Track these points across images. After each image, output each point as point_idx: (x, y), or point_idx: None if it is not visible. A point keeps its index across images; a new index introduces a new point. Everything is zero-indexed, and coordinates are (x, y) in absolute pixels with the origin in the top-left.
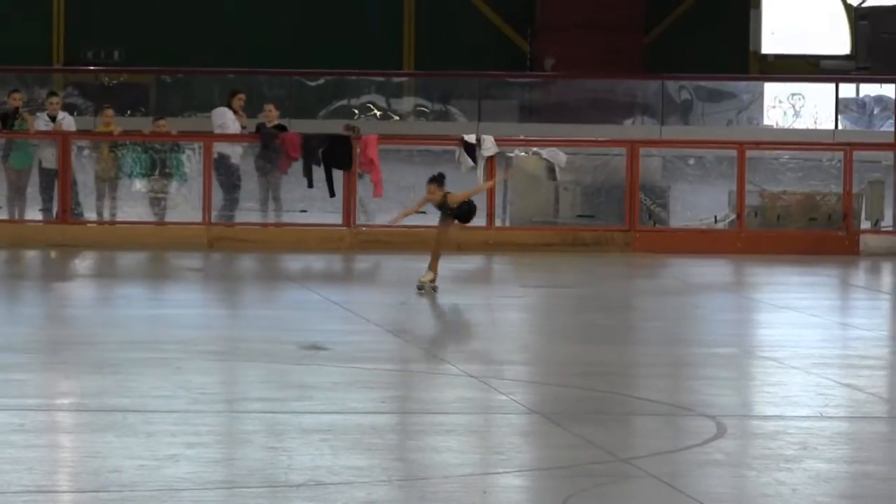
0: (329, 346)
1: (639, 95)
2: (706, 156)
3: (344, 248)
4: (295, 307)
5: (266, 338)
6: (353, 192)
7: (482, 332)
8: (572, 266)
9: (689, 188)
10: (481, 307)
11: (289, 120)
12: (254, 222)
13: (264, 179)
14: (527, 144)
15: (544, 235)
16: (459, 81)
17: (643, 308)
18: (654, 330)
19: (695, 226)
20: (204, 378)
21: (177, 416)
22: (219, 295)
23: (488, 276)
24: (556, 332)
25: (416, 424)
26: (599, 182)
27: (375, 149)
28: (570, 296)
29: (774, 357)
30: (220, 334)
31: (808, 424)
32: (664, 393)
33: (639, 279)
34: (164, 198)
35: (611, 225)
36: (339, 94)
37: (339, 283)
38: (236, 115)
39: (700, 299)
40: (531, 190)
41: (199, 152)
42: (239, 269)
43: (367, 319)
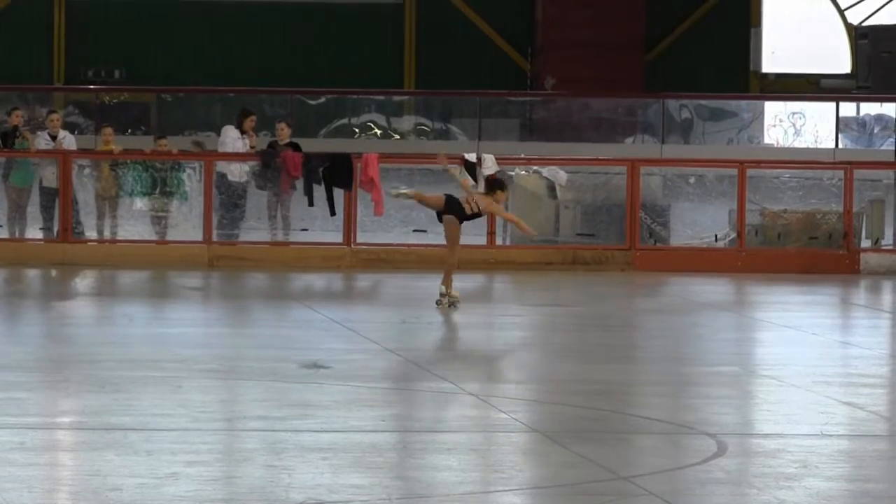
0: (330, 365)
1: (639, 114)
2: (707, 174)
3: (344, 266)
4: (295, 325)
5: (266, 356)
6: (354, 211)
7: (483, 350)
8: (573, 284)
9: (689, 207)
10: (482, 326)
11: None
12: (255, 241)
13: (273, 198)
14: (527, 163)
15: (545, 254)
16: (460, 100)
17: (644, 327)
18: (654, 348)
19: (695, 244)
20: (204, 396)
21: (177, 435)
22: (219, 313)
23: (488, 295)
24: (556, 350)
25: (416, 443)
26: (600, 200)
27: (376, 167)
28: (570, 314)
29: (775, 375)
30: (220, 353)
31: (808, 443)
32: (665, 411)
33: (639, 298)
34: (164, 216)
35: (611, 243)
36: (340, 113)
37: (339, 301)
38: (246, 136)
39: (701, 318)
40: (532, 208)
41: (200, 171)
42: (239, 287)
43: (367, 338)
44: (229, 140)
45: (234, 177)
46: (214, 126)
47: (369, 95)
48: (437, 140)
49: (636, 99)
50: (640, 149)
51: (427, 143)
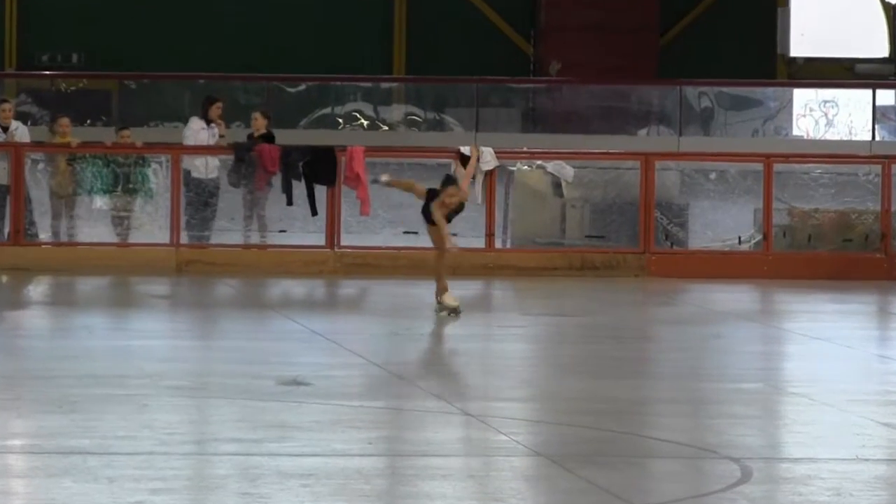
0: (310, 381)
1: (654, 103)
2: (729, 170)
3: (327, 271)
4: (273, 338)
5: (241, 372)
6: (338, 211)
7: (480, 365)
8: (580, 292)
9: (709, 206)
10: (479, 337)
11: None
12: (227, 244)
13: (248, 196)
14: (530, 157)
15: (549, 258)
16: (455, 87)
17: (659, 338)
18: (671, 363)
19: (716, 248)
20: (172, 416)
21: (141, 459)
22: (189, 324)
23: (487, 303)
24: (562, 365)
25: (407, 468)
26: (610, 199)
27: (362, 162)
28: (577, 325)
29: (805, 393)
30: (189, 368)
31: (842, 468)
32: (683, 433)
33: (654, 307)
34: (127, 216)
35: (623, 247)
36: (322, 102)
37: (321, 310)
38: (214, 126)
39: (723, 329)
40: (535, 207)
41: (167, 166)
42: (211, 295)
43: (352, 351)
44: (191, 132)
45: (199, 173)
46: (183, 116)
47: (355, 82)
48: (430, 131)
49: (650, 86)
50: (655, 141)
51: (419, 134)
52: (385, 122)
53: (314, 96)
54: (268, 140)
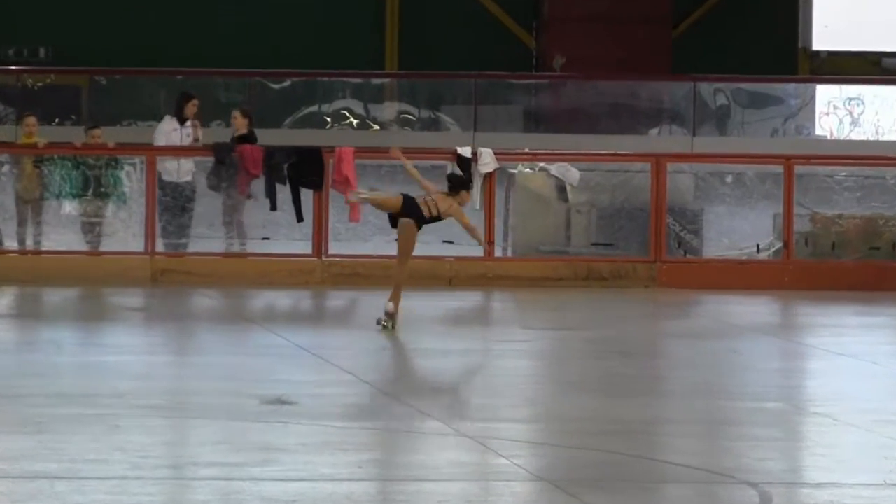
0: (296, 400)
1: (666, 100)
2: (747, 172)
3: (314, 282)
4: (255, 353)
5: (221, 390)
6: (325, 217)
7: (479, 382)
8: (586, 304)
9: (725, 211)
10: (478, 353)
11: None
12: (206, 252)
13: (229, 201)
14: (532, 159)
15: (553, 267)
16: (452, 84)
17: (671, 354)
18: (684, 380)
19: (733, 256)
20: (146, 438)
21: (113, 484)
22: (164, 339)
23: (486, 316)
24: (566, 382)
25: (399, 493)
26: (619, 204)
27: (352, 164)
28: (583, 339)
29: (828, 413)
30: (165, 386)
31: (869, 493)
32: (696, 456)
33: (666, 320)
34: (98, 223)
35: (633, 255)
36: (309, 99)
37: (307, 324)
38: (188, 125)
39: (740, 344)
40: (537, 213)
41: (141, 168)
42: (188, 307)
43: (341, 368)
44: (162, 134)
45: (170, 175)
46: (158, 115)
47: (343, 78)
48: (425, 131)
49: (662, 82)
50: (667, 142)
51: (412, 134)
52: (376, 121)
53: (300, 93)
54: (249, 141)
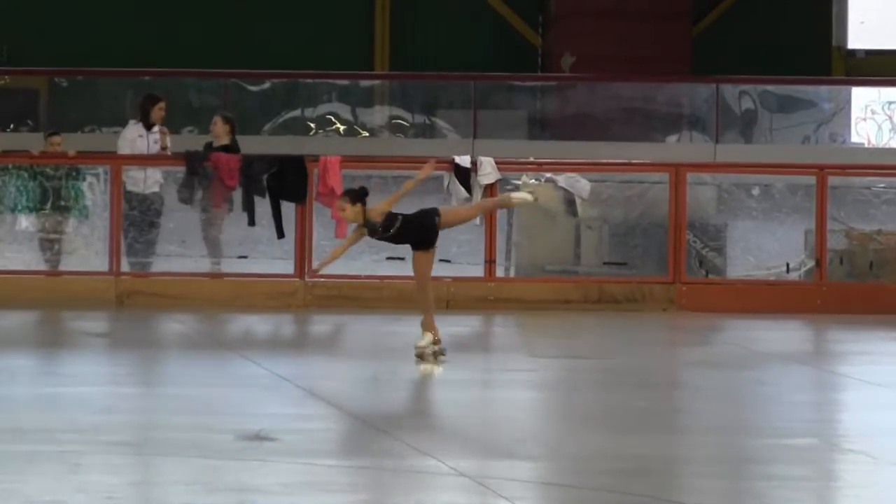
0: (276, 436)
1: (686, 104)
2: (775, 184)
3: (296, 305)
4: (231, 384)
5: (193, 424)
6: (309, 233)
7: (478, 416)
8: (598, 330)
9: (752, 227)
10: (477, 384)
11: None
12: (177, 272)
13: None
14: (538, 169)
15: (561, 289)
16: (448, 86)
17: (692, 385)
18: (706, 414)
19: (760, 277)
20: (110, 478)
21: None
22: (131, 368)
23: (487, 343)
24: (576, 416)
25: None
26: (634, 218)
27: (338, 175)
28: (594, 369)
29: (865, 450)
30: (132, 420)
31: None
32: (719, 497)
33: (686, 347)
34: (58, 239)
35: (649, 275)
36: (290, 103)
37: (289, 351)
38: (157, 131)
39: (767, 374)
40: (544, 229)
41: (105, 179)
42: (157, 333)
43: (326, 400)
44: (126, 142)
45: (136, 186)
46: (124, 120)
47: (329, 79)
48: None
49: (681, 84)
50: (687, 150)
51: (405, 142)
52: (365, 127)
53: (280, 96)
54: (231, 151)
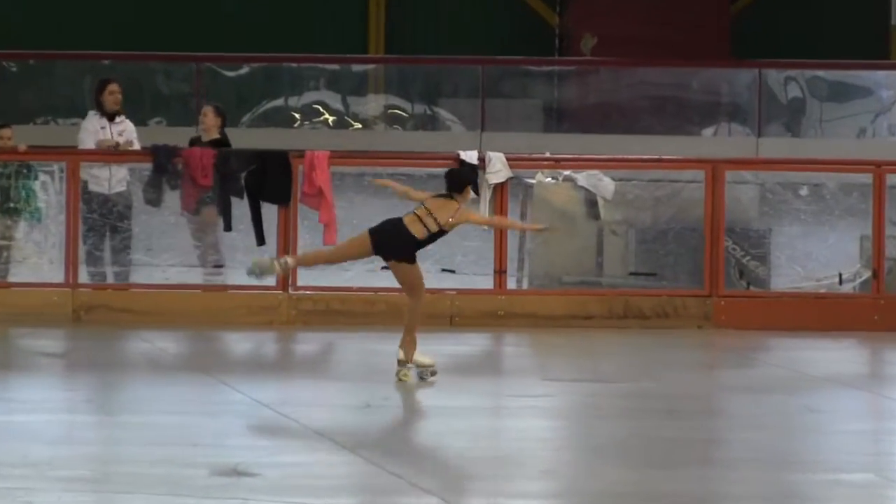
0: (256, 471)
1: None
2: (826, 183)
3: (279, 321)
4: (205, 411)
5: (160, 458)
6: (294, 239)
7: (487, 448)
8: (623, 349)
9: (799, 232)
10: (486, 411)
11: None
12: (144, 283)
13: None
14: (555, 166)
15: (581, 303)
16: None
17: (730, 413)
18: (746, 445)
19: (808, 289)
20: None
21: None
22: (90, 393)
23: (496, 364)
24: (597, 448)
25: None
26: (664, 223)
27: (327, 172)
28: (619, 394)
29: None
30: (90, 452)
31: None
32: None
33: (724, 369)
34: (6, 246)
35: (682, 287)
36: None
37: (271, 374)
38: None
39: (817, 400)
40: (561, 235)
41: (61, 178)
42: (120, 353)
43: (313, 429)
44: (87, 134)
45: (99, 186)
46: (83, 110)
47: (317, 63)
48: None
49: (719, 69)
50: (726, 144)
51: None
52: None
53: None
54: (221, 146)
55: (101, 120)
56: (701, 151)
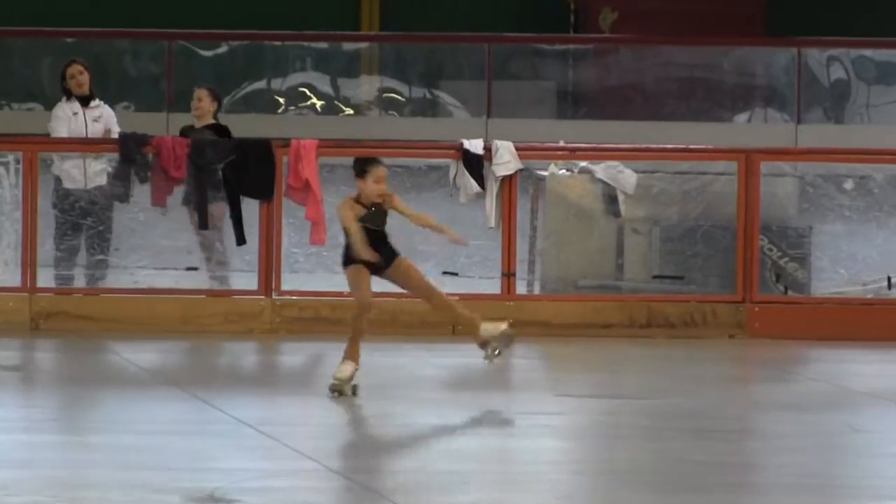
0: (236, 497)
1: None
2: (873, 175)
3: (261, 329)
4: (179, 430)
5: (130, 482)
6: (277, 239)
7: (494, 471)
8: (646, 362)
9: (843, 230)
10: (492, 430)
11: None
12: (111, 288)
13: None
14: (569, 157)
15: (599, 310)
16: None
17: (766, 433)
18: (784, 469)
19: (853, 294)
20: None
21: None
22: (51, 410)
23: (504, 378)
24: (616, 472)
25: None
26: (692, 220)
27: (314, 163)
28: (641, 411)
29: None
30: (52, 476)
31: None
32: None
33: (758, 384)
34: None
35: (712, 293)
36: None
37: (252, 389)
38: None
39: (862, 418)
40: (577, 233)
41: (17, 169)
42: (85, 366)
43: (299, 451)
44: (59, 122)
45: (73, 181)
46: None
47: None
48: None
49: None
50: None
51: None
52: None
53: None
54: (221, 134)
55: (72, 105)
56: (733, 140)
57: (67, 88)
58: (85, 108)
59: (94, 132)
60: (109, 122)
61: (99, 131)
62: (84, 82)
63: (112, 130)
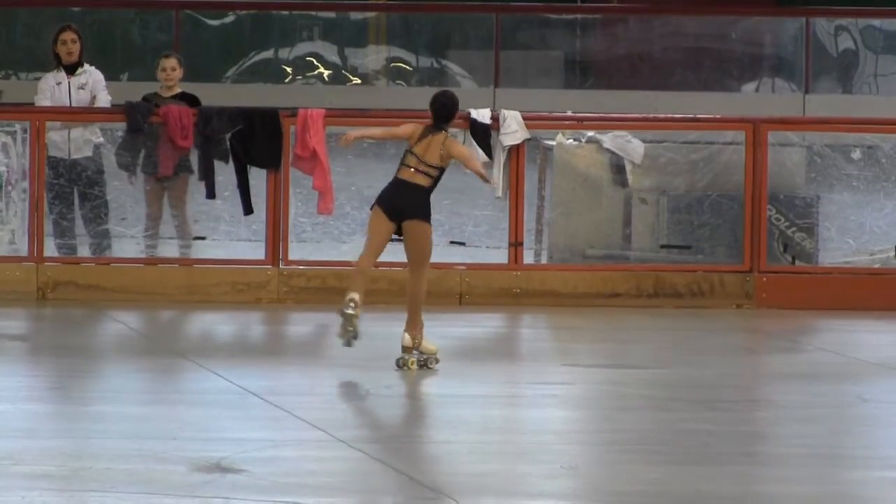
0: (242, 467)
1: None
2: (881, 145)
3: (268, 299)
4: (185, 400)
5: (135, 452)
6: (285, 209)
7: (500, 442)
8: (653, 331)
9: (851, 200)
10: (499, 400)
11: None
12: (117, 258)
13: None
14: (577, 126)
15: (606, 280)
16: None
17: (774, 403)
18: (793, 440)
19: (860, 264)
20: None
21: None
22: (56, 380)
23: (511, 348)
24: (623, 442)
25: None
26: (700, 190)
27: (322, 133)
28: (648, 381)
29: None
30: (57, 446)
31: None
32: None
33: (767, 354)
34: None
35: (719, 263)
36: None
37: (259, 359)
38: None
39: (871, 387)
40: (585, 203)
41: (24, 139)
42: (91, 336)
43: (305, 421)
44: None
45: (58, 149)
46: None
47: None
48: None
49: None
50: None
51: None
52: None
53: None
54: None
55: (57, 75)
56: (741, 110)
57: (57, 53)
58: (70, 76)
59: (79, 100)
60: (96, 89)
61: (85, 99)
62: (74, 51)
63: (98, 97)
